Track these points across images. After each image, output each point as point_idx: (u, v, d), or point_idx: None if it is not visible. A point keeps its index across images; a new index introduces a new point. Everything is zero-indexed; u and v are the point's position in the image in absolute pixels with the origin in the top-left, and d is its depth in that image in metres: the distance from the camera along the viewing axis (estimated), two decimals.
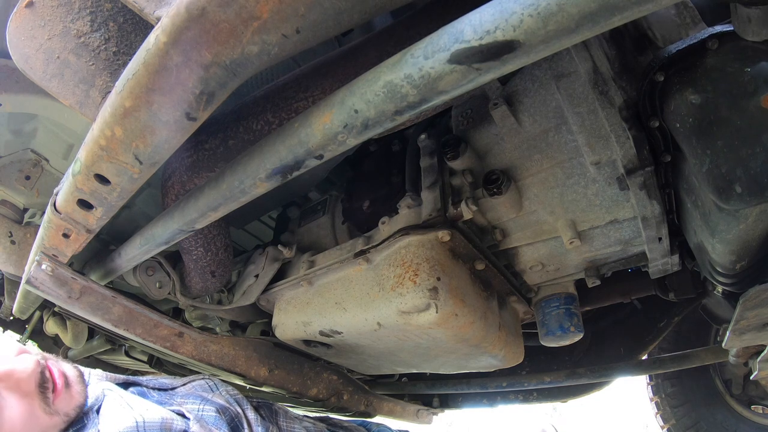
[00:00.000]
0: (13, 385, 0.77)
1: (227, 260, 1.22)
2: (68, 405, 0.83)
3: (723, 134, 0.68)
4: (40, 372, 0.80)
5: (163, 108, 0.59)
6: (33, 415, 0.77)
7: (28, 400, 0.77)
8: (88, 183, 0.75)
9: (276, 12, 0.49)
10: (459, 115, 1.12)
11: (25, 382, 0.77)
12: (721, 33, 0.70)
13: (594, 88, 0.83)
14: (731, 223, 0.74)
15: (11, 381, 0.77)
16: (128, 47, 0.80)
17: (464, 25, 0.46)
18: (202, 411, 0.92)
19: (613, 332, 1.74)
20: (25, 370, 0.78)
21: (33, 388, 0.78)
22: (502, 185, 0.97)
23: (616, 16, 0.40)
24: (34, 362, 0.80)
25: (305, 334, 1.22)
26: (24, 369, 0.78)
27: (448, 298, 0.95)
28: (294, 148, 0.63)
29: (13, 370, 0.78)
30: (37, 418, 0.78)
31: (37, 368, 0.80)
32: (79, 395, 0.85)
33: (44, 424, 0.79)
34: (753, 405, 1.95)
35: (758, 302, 0.79)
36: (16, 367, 0.78)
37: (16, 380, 0.77)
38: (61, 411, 0.81)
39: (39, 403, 0.78)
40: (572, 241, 1.04)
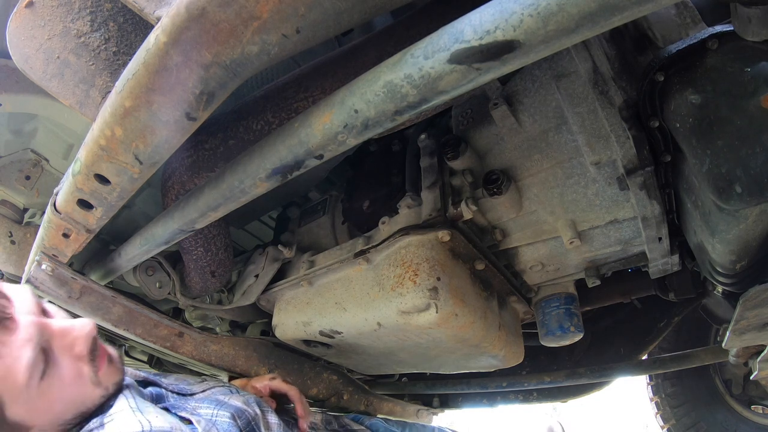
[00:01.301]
0: (68, 344, 0.73)
1: (227, 260, 1.22)
2: (110, 379, 0.79)
3: (723, 134, 0.68)
4: (94, 341, 0.77)
5: (163, 108, 0.59)
6: (81, 381, 0.73)
7: (79, 364, 0.74)
8: (88, 183, 0.75)
9: (276, 12, 0.49)
10: (459, 115, 1.12)
11: (81, 343, 0.74)
12: (721, 33, 0.70)
13: (594, 88, 0.83)
14: (731, 223, 0.74)
15: (67, 339, 0.73)
16: (128, 47, 0.80)
17: (464, 25, 0.46)
18: (216, 416, 0.87)
19: (613, 332, 1.74)
20: (83, 329, 0.75)
21: (85, 352, 0.74)
22: (502, 185, 0.97)
23: (616, 16, 0.40)
24: (92, 324, 0.77)
25: (305, 334, 1.22)
26: (82, 328, 0.75)
27: (448, 298, 0.95)
28: (294, 148, 0.63)
29: (72, 327, 0.74)
30: (84, 385, 0.74)
31: (94, 331, 0.77)
32: (120, 372, 0.82)
33: (88, 393, 0.75)
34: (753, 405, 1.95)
35: (758, 302, 0.79)
36: (75, 325, 0.75)
37: (72, 340, 0.73)
38: (104, 383, 0.77)
39: (88, 370, 0.74)
40: (572, 241, 1.04)
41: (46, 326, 0.71)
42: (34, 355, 0.67)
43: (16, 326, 0.67)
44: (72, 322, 0.75)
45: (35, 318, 0.70)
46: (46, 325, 0.71)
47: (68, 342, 0.73)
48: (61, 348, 0.72)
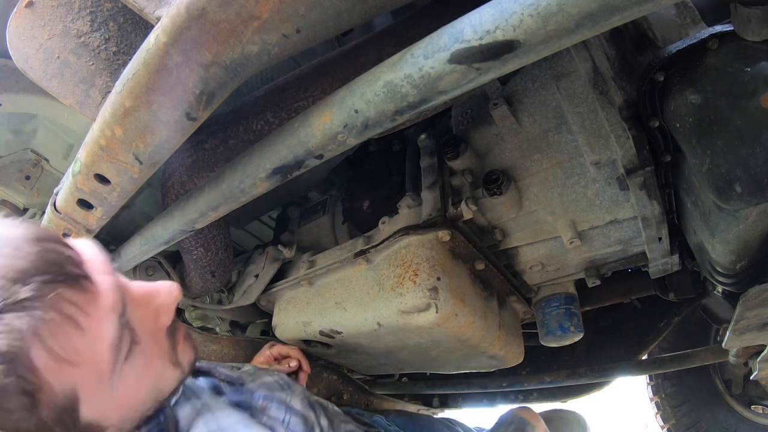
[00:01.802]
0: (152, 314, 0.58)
1: (227, 260, 1.22)
2: (186, 356, 0.65)
3: (723, 134, 0.68)
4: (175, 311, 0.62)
5: (163, 108, 0.59)
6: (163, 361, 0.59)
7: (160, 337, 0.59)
8: (88, 183, 0.75)
9: (276, 12, 0.49)
10: (459, 115, 1.12)
11: (166, 313, 0.59)
12: (721, 33, 0.70)
13: (594, 88, 0.83)
14: (731, 223, 0.74)
15: (151, 307, 0.57)
16: (128, 47, 0.80)
17: (464, 25, 0.46)
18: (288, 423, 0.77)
19: (613, 332, 1.74)
20: (170, 293, 0.59)
21: (169, 323, 0.61)
22: (502, 185, 0.97)
23: (616, 16, 0.40)
24: (178, 288, 0.61)
25: (305, 334, 1.22)
26: (170, 292, 0.59)
27: (448, 298, 0.95)
28: (294, 148, 0.63)
29: (157, 291, 0.58)
30: (165, 366, 0.60)
31: (181, 296, 0.61)
32: (194, 349, 0.68)
33: (168, 375, 0.61)
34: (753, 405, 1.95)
35: (758, 302, 0.79)
36: (161, 289, 0.59)
37: (156, 307, 0.58)
38: (182, 362, 0.63)
39: (168, 348, 0.60)
40: (572, 241, 1.04)
41: (128, 290, 0.56)
42: (119, 331, 0.52)
43: (96, 290, 0.51)
44: (156, 285, 0.60)
45: (114, 279, 0.54)
46: (127, 290, 0.56)
47: (151, 311, 0.58)
48: (143, 319, 0.56)
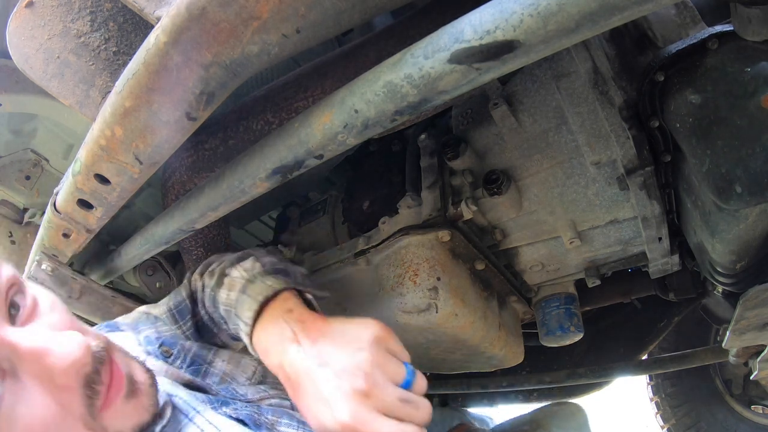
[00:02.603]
0: (42, 371, 0.47)
1: None
2: (123, 422, 0.53)
3: (723, 134, 0.68)
4: (90, 367, 0.50)
5: (163, 108, 0.59)
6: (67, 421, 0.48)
7: (64, 396, 0.48)
8: (88, 183, 0.75)
9: (276, 12, 0.49)
10: (459, 115, 1.12)
11: (61, 376, 0.47)
12: (721, 33, 0.70)
13: (594, 88, 0.83)
14: (731, 223, 0.74)
15: (40, 366, 0.47)
16: (128, 47, 0.80)
17: (464, 25, 0.46)
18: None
19: (613, 332, 1.74)
20: (65, 357, 0.47)
21: (74, 384, 0.48)
22: (502, 185, 0.97)
23: (616, 16, 0.40)
24: (82, 349, 0.48)
25: None
26: (64, 356, 0.47)
27: (448, 298, 0.95)
28: (294, 148, 0.63)
29: (47, 351, 0.47)
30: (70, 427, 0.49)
31: (86, 359, 0.49)
32: (143, 411, 0.55)
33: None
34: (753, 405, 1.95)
35: (758, 302, 0.79)
36: (53, 349, 0.47)
37: (47, 366, 0.47)
38: (111, 427, 0.52)
39: (79, 407, 0.49)
40: (572, 241, 1.04)
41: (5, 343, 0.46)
42: None
43: None
44: (50, 342, 0.48)
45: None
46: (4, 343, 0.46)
47: (42, 369, 0.47)
48: (33, 375, 0.47)
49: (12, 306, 0.50)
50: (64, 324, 0.53)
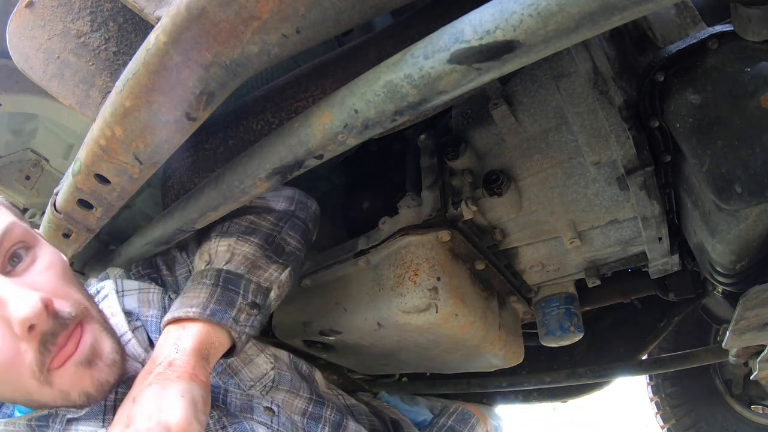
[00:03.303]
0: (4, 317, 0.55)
1: None
2: (70, 385, 0.59)
3: (723, 134, 0.68)
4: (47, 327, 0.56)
5: (163, 108, 0.59)
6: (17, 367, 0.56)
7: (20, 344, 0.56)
8: (88, 183, 0.75)
9: (276, 12, 0.49)
10: (459, 115, 1.12)
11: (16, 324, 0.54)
12: (721, 33, 0.70)
13: (594, 88, 0.83)
14: (731, 223, 0.74)
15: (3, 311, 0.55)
16: (128, 47, 0.80)
17: (464, 25, 0.46)
18: None
19: (613, 332, 1.74)
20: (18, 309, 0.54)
21: (28, 338, 0.55)
22: (502, 185, 0.97)
23: (616, 16, 0.40)
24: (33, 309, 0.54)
25: (305, 334, 1.22)
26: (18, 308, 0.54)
27: (448, 298, 0.95)
28: (294, 148, 0.63)
29: (5, 300, 0.55)
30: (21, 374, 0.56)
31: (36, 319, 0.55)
32: (93, 382, 0.61)
33: (31, 387, 0.57)
34: (753, 405, 1.95)
35: (758, 302, 0.79)
36: (9, 302, 0.55)
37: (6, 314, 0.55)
38: (56, 386, 0.58)
39: (31, 360, 0.56)
40: (572, 241, 1.04)
41: None
42: None
43: None
44: (11, 295, 0.55)
45: None
46: None
47: (4, 315, 0.55)
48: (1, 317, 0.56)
49: (14, 256, 0.59)
50: (47, 285, 0.60)
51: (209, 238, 0.83)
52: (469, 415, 1.14)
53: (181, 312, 0.70)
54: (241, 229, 0.82)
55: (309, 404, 0.89)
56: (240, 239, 0.80)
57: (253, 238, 0.81)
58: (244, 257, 0.79)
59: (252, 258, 0.79)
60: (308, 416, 0.87)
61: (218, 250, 0.80)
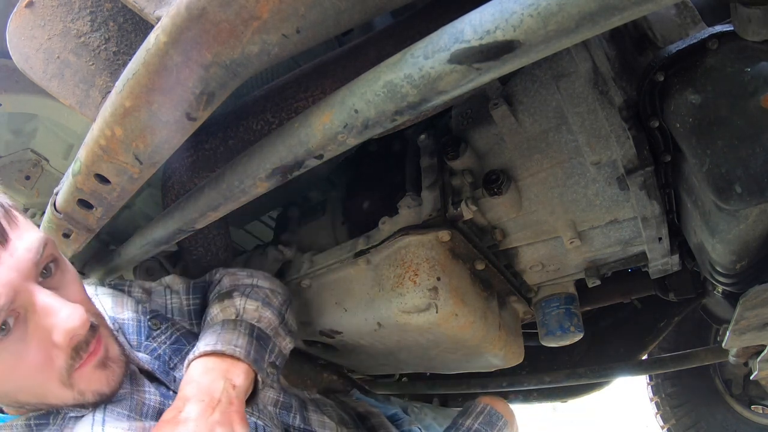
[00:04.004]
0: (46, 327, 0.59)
1: (227, 260, 1.22)
2: (89, 385, 0.64)
3: (723, 134, 0.68)
4: (82, 337, 0.62)
5: (163, 108, 0.59)
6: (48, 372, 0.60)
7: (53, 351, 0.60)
8: (88, 183, 0.75)
9: (276, 12, 0.49)
10: (459, 115, 1.12)
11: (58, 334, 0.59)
12: (721, 33, 0.70)
13: (594, 88, 0.83)
14: (731, 223, 0.74)
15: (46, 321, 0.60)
16: (128, 47, 0.80)
17: (464, 24, 0.46)
18: None
19: (613, 332, 1.74)
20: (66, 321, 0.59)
21: (62, 345, 0.60)
22: (502, 185, 0.97)
23: (616, 16, 0.40)
24: (81, 321, 0.60)
25: (305, 334, 1.22)
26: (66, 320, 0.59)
27: (448, 298, 0.95)
28: (294, 148, 0.63)
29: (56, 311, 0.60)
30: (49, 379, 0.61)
31: (81, 330, 0.61)
32: (106, 382, 0.66)
33: (53, 389, 0.62)
34: (753, 405, 1.95)
35: (758, 302, 0.79)
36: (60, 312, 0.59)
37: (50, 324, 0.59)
38: (77, 387, 0.63)
39: (62, 364, 0.61)
40: (572, 241, 1.04)
41: (29, 293, 0.59)
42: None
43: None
44: (60, 306, 0.60)
45: (16, 278, 0.57)
46: (28, 292, 0.59)
47: (47, 324, 0.60)
48: (37, 326, 0.60)
49: (45, 269, 0.63)
50: (77, 296, 0.66)
51: (231, 296, 0.87)
52: (497, 417, 1.08)
53: (226, 348, 0.73)
54: (262, 296, 0.89)
55: (279, 395, 0.96)
56: (264, 306, 0.87)
57: (273, 309, 0.88)
58: (269, 322, 0.86)
59: (275, 325, 0.87)
60: (280, 406, 0.95)
61: (246, 308, 0.85)
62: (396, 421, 1.26)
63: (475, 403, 1.11)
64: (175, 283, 0.92)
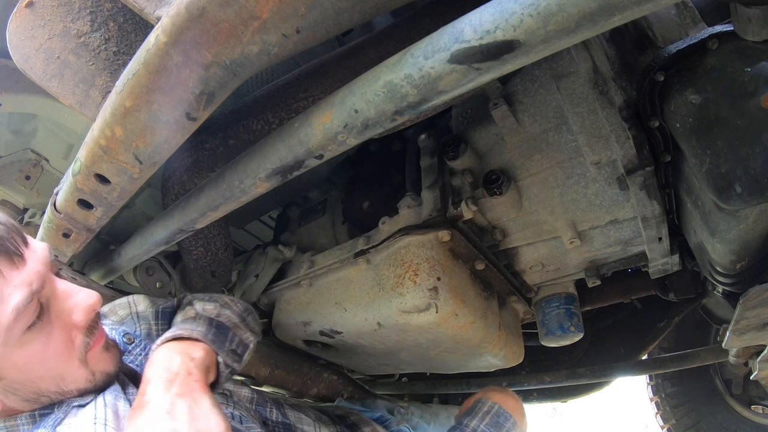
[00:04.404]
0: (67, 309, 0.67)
1: (227, 260, 1.22)
2: (100, 365, 0.71)
3: (723, 134, 0.68)
4: (95, 315, 0.70)
5: (163, 108, 0.59)
6: (69, 353, 0.67)
7: (73, 333, 0.67)
8: (88, 183, 0.75)
9: (276, 12, 0.49)
10: (459, 115, 1.12)
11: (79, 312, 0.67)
12: (721, 33, 0.70)
13: (594, 88, 0.83)
14: (731, 223, 0.74)
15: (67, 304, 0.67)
16: (128, 47, 0.80)
17: (464, 24, 0.46)
18: None
19: (613, 332, 1.74)
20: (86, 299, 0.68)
21: (82, 324, 0.68)
22: (502, 185, 0.97)
23: (616, 16, 0.40)
24: (97, 297, 0.69)
25: (305, 334, 1.22)
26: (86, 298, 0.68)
27: (448, 298, 0.95)
28: (294, 148, 0.63)
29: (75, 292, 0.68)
30: (71, 359, 0.67)
31: (98, 305, 0.70)
32: (113, 363, 0.74)
33: (72, 370, 0.68)
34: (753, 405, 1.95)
35: (758, 302, 0.79)
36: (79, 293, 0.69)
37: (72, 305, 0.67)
38: (91, 366, 0.70)
39: (80, 343, 0.68)
40: (572, 241, 1.04)
41: (51, 282, 0.67)
42: (27, 300, 0.61)
43: (22, 267, 0.63)
44: (77, 288, 0.69)
45: (43, 269, 0.65)
46: (51, 281, 0.67)
47: (68, 306, 0.67)
48: (59, 311, 0.67)
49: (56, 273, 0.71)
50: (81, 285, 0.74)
51: (191, 303, 0.93)
52: (505, 417, 1.02)
53: (184, 332, 0.78)
54: (221, 302, 0.94)
55: (254, 393, 1.01)
56: (224, 307, 0.92)
57: (233, 311, 0.93)
58: (229, 318, 0.90)
59: (235, 321, 0.90)
60: (255, 402, 0.99)
61: (206, 308, 0.90)
62: (383, 422, 1.28)
63: (483, 401, 1.05)
64: (144, 308, 0.95)
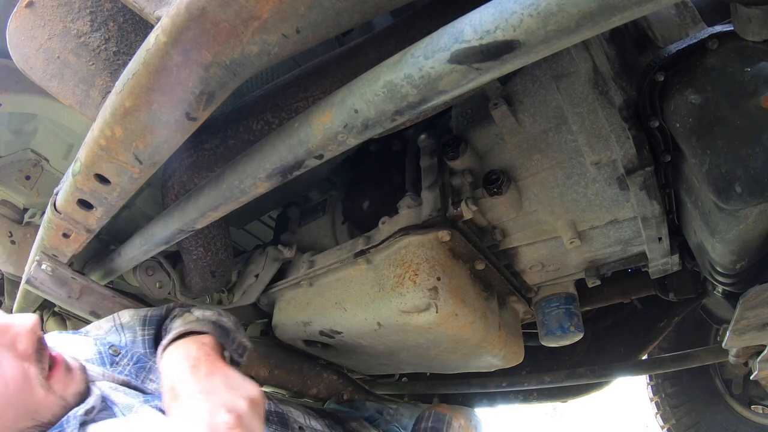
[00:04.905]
0: (9, 341, 0.66)
1: (227, 260, 1.22)
2: (66, 388, 0.70)
3: (723, 134, 0.68)
4: (39, 337, 0.70)
5: (163, 108, 0.59)
6: (28, 384, 0.66)
7: (24, 364, 0.66)
8: (88, 183, 0.75)
9: (276, 12, 0.49)
10: (459, 115, 1.12)
11: (24, 340, 0.67)
12: (721, 33, 0.70)
13: (594, 88, 0.83)
14: (731, 223, 0.74)
15: (7, 336, 0.66)
16: (128, 47, 0.80)
17: (464, 25, 0.46)
18: None
19: (613, 332, 1.74)
20: (24, 325, 0.68)
21: (31, 351, 0.67)
22: (502, 185, 0.97)
23: (616, 16, 0.40)
24: (34, 320, 0.69)
25: (305, 334, 1.22)
26: (23, 324, 0.68)
27: (448, 298, 0.95)
28: (294, 148, 0.63)
29: (10, 323, 0.68)
30: (32, 388, 0.66)
31: (37, 328, 0.69)
32: (80, 382, 0.73)
33: (40, 400, 0.67)
34: (753, 405, 1.94)
35: (758, 302, 0.79)
36: (14, 321, 0.68)
37: (13, 335, 0.66)
38: (59, 392, 0.69)
39: (35, 372, 0.67)
40: (572, 241, 1.04)
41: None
42: None
43: None
44: (10, 317, 0.69)
45: None
46: None
47: (9, 339, 0.66)
48: (2, 347, 0.66)
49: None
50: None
51: (190, 310, 0.97)
52: (441, 414, 1.28)
53: (191, 327, 0.82)
54: (218, 311, 0.98)
55: None
56: (221, 315, 0.96)
57: (229, 318, 0.97)
58: (227, 322, 0.94)
59: (233, 326, 0.95)
60: None
61: (206, 314, 0.94)
62: (373, 422, 1.32)
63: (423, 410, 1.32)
64: (128, 319, 0.97)
